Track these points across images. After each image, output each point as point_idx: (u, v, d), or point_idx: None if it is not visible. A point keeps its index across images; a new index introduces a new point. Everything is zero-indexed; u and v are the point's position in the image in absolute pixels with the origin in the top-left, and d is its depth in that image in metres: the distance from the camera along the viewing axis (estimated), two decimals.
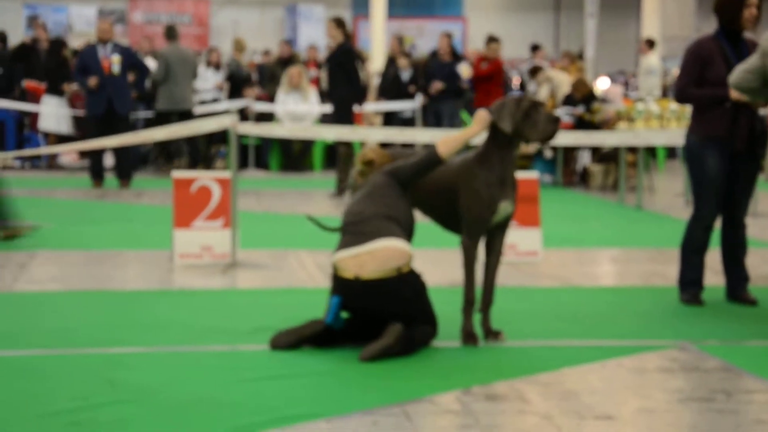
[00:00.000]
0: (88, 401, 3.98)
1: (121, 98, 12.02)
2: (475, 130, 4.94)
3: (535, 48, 18.07)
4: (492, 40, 13.39)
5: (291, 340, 4.77)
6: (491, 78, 13.07)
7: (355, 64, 11.37)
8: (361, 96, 11.51)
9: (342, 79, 11.28)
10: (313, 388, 4.24)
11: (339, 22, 11.39)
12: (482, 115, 4.96)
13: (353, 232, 4.78)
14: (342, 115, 11.18)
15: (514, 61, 25.30)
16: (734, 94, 5.74)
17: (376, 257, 4.68)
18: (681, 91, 5.91)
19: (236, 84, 15.35)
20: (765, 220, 9.74)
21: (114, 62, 11.93)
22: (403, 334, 4.63)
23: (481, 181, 4.93)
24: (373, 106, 15.05)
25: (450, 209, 5.06)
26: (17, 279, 6.55)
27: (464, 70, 14.25)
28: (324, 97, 13.93)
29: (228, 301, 6.02)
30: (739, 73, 5.47)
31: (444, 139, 4.90)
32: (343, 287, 4.72)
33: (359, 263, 4.69)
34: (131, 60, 12.26)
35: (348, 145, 11.33)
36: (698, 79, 5.83)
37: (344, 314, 4.82)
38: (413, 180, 4.92)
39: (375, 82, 15.95)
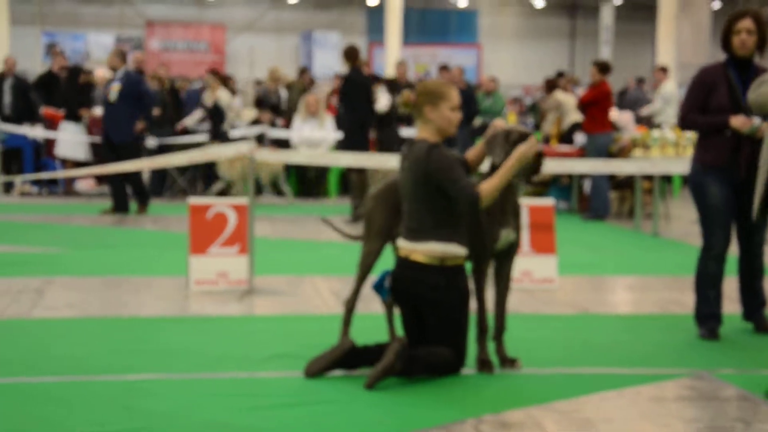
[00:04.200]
0: (104, 428, 3.99)
1: (116, 127, 11.96)
2: (507, 174, 4.84)
3: (560, 75, 18.02)
4: (594, 64, 12.70)
5: (323, 365, 4.78)
6: (597, 103, 12.34)
7: (358, 93, 11.44)
8: (367, 122, 11.58)
9: (348, 107, 11.43)
10: (328, 415, 4.23)
11: (347, 51, 11.56)
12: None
13: (415, 229, 4.89)
14: (350, 142, 11.29)
15: (529, 88, 25.36)
16: (734, 123, 5.68)
17: (428, 250, 4.84)
18: (684, 117, 5.89)
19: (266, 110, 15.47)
20: None
21: (112, 90, 12.00)
22: (403, 352, 4.64)
23: (478, 210, 4.94)
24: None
25: None
26: (35, 305, 6.58)
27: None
28: (338, 124, 14.01)
29: (244, 328, 6.03)
30: (757, 87, 5.18)
31: (486, 186, 4.79)
32: (396, 262, 5.01)
33: (413, 250, 4.87)
34: (132, 88, 12.05)
35: (360, 172, 11.38)
36: (702, 106, 5.80)
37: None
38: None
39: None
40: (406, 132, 14.85)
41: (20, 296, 6.85)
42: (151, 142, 14.01)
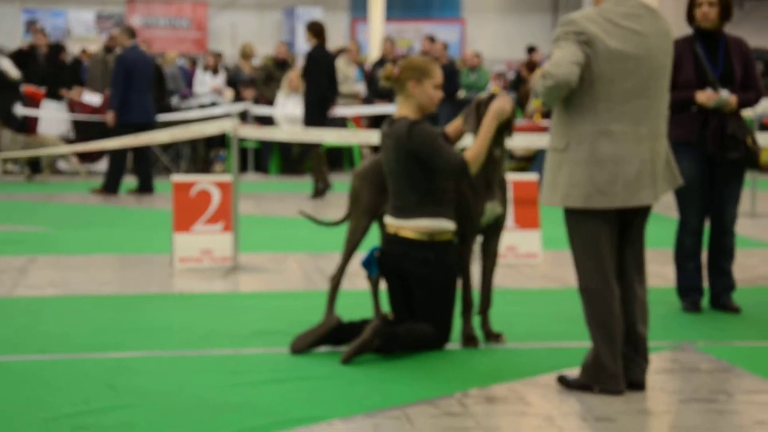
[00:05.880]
0: (90, 406, 3.99)
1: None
2: (488, 134, 4.85)
3: (531, 50, 18.05)
4: None
5: (309, 341, 4.79)
6: None
7: (322, 68, 11.43)
8: (329, 99, 11.58)
9: (310, 83, 11.45)
10: (314, 391, 4.25)
11: (310, 27, 11.55)
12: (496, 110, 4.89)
13: (401, 207, 4.90)
14: (310, 118, 11.33)
15: (512, 63, 25.31)
16: (700, 98, 5.62)
17: (417, 226, 4.86)
18: None
19: (236, 88, 15.39)
20: (765, 221, 9.74)
21: None
22: (382, 329, 4.66)
23: (465, 184, 4.95)
24: (360, 109, 15.01)
25: None
26: (17, 284, 6.55)
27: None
28: None
29: (229, 305, 6.03)
30: (568, 65, 4.12)
31: (472, 152, 4.79)
32: (383, 239, 5.02)
33: (401, 226, 4.89)
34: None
35: (315, 148, 11.48)
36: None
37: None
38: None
39: (358, 86, 15.66)
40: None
41: (2, 275, 6.82)
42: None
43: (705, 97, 5.62)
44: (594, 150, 4.16)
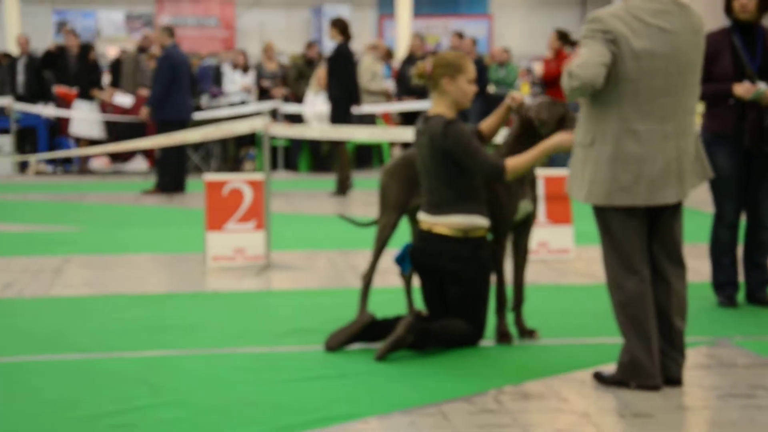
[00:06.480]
0: (129, 404, 4.02)
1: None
2: (539, 155, 4.77)
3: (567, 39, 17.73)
4: (556, 32, 12.33)
5: (343, 339, 4.80)
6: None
7: (348, 66, 11.45)
8: (355, 96, 11.59)
9: (336, 81, 11.43)
10: (350, 388, 4.25)
11: (335, 23, 11.54)
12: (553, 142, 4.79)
13: (435, 204, 4.88)
14: (337, 116, 11.34)
15: (540, 58, 25.25)
16: (738, 90, 5.56)
17: (452, 222, 4.84)
18: None
19: (259, 86, 15.46)
20: None
21: None
22: (415, 326, 4.66)
23: (499, 183, 4.93)
24: (389, 106, 14.99)
25: None
26: (53, 284, 6.61)
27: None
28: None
29: (262, 303, 6.05)
30: (595, 66, 4.09)
31: (515, 163, 4.77)
32: (417, 235, 4.99)
33: (435, 223, 4.87)
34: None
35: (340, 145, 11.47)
36: (705, 74, 5.50)
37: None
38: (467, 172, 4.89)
39: (385, 83, 15.61)
40: None
41: (38, 275, 6.89)
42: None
43: (743, 89, 5.57)
44: (618, 148, 4.14)
